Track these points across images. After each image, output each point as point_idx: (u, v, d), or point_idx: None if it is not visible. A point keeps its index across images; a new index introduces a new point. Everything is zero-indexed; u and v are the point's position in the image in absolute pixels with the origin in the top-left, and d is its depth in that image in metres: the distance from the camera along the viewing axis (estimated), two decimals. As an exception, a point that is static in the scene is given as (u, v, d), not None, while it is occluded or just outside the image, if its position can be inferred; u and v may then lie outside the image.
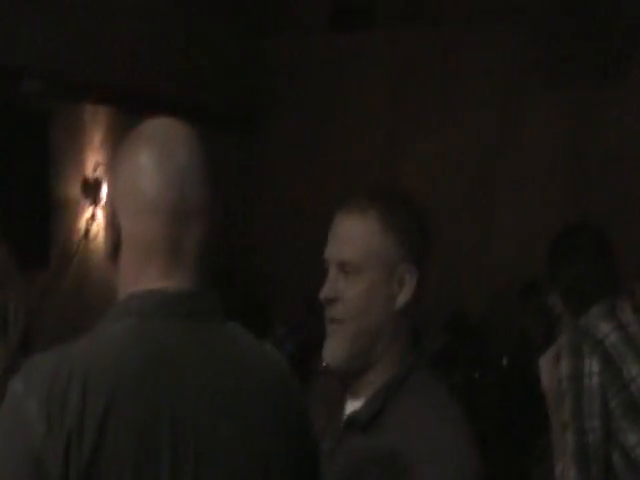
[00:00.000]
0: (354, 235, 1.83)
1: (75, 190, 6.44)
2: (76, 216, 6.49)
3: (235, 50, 7.85)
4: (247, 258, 7.75)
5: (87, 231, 6.49)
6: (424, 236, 1.86)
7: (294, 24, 7.94)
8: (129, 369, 1.32)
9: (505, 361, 6.26)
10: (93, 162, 6.49)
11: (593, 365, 2.72)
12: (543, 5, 6.98)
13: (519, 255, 6.75)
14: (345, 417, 1.84)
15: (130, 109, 6.31)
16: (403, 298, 1.81)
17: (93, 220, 6.48)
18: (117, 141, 1.56)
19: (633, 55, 6.80)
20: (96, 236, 6.53)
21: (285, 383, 1.48)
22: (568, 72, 6.98)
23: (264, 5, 8.02)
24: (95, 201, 6.45)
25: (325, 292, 1.84)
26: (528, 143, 7.12)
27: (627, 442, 2.71)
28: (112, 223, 1.42)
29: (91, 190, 6.44)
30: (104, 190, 6.32)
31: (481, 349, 6.49)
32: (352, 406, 1.84)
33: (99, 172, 6.46)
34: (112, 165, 1.46)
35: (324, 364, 1.86)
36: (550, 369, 2.79)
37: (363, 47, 7.60)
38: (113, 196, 1.44)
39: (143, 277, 1.40)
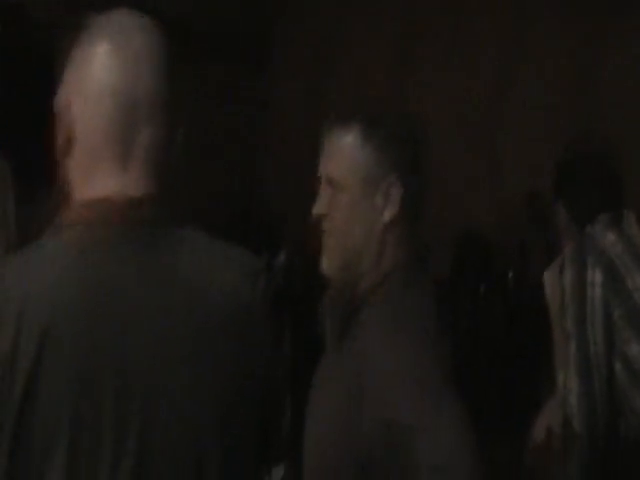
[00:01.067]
0: (337, 150, 1.83)
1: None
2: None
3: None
4: (259, 192, 7.72)
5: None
6: (411, 152, 1.83)
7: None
8: (67, 295, 1.26)
9: (510, 275, 6.28)
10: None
11: (596, 275, 2.70)
12: None
13: (525, 186, 6.74)
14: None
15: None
16: (388, 213, 1.80)
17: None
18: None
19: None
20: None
21: (241, 309, 1.38)
22: (573, 4, 6.87)
23: None
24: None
25: (316, 208, 1.84)
26: (535, 76, 7.05)
27: (630, 352, 2.71)
28: (66, 111, 1.37)
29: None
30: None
31: (487, 264, 6.51)
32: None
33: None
34: (69, 56, 1.40)
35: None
36: (554, 281, 2.79)
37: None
38: (68, 85, 1.38)
39: (93, 177, 1.34)
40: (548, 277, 2.85)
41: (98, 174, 1.35)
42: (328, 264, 1.84)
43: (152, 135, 1.36)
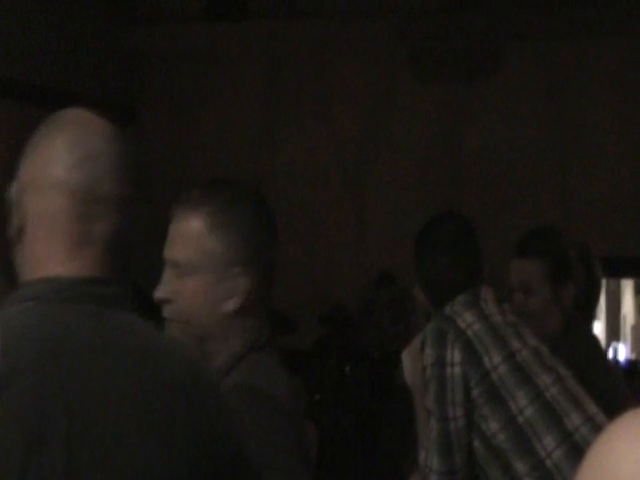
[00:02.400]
0: (183, 234, 1.78)
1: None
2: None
3: (109, 39, 7.69)
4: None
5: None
6: (260, 237, 1.80)
7: (169, 13, 7.84)
8: (27, 355, 1.27)
9: (376, 354, 6.31)
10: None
11: (455, 354, 2.75)
12: (416, 2, 7.08)
13: (393, 251, 6.83)
14: None
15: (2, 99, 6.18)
16: (233, 303, 1.77)
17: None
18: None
19: (501, 54, 6.97)
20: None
21: (192, 380, 1.38)
22: (439, 69, 7.10)
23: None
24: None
25: (158, 292, 1.80)
26: (400, 139, 7.21)
27: (489, 429, 2.76)
28: (19, 202, 1.38)
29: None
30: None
31: (355, 342, 6.54)
32: None
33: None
34: (24, 148, 1.42)
35: None
36: (413, 362, 2.82)
37: (237, 38, 7.56)
38: (23, 177, 1.39)
39: (46, 262, 1.36)
40: (406, 356, 2.88)
41: (50, 263, 1.36)
42: None
43: (114, 221, 1.37)
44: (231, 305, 1.77)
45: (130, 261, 1.42)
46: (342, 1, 7.30)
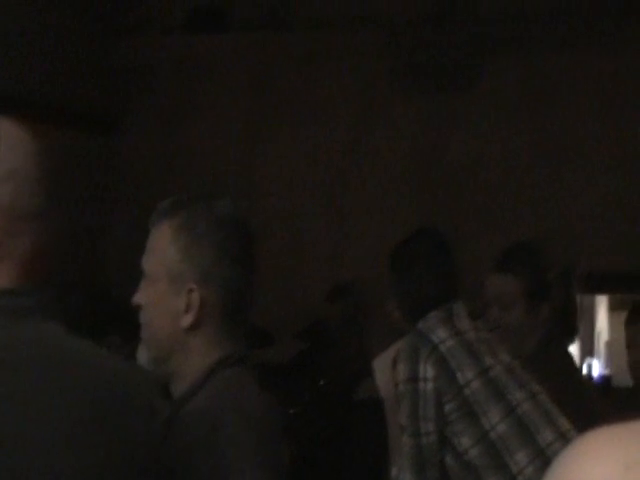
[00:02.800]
0: (150, 244, 1.83)
1: None
2: None
3: (91, 50, 7.68)
4: (103, 261, 7.59)
5: None
6: (218, 255, 1.79)
7: (151, 24, 7.85)
8: None
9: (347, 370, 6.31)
10: None
11: (428, 370, 2.75)
12: (399, 14, 7.10)
13: (373, 265, 6.83)
14: None
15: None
16: (186, 319, 1.78)
17: None
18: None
19: (484, 67, 7.00)
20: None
21: (104, 388, 1.37)
22: (421, 82, 7.13)
23: (120, 5, 7.89)
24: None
25: (135, 297, 1.84)
26: (382, 151, 7.23)
27: (461, 445, 2.76)
28: None
29: None
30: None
31: (332, 357, 6.53)
32: None
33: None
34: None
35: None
36: (383, 372, 2.83)
37: (219, 50, 7.56)
38: None
39: None
40: (377, 366, 2.89)
41: None
42: (143, 356, 1.83)
43: (34, 235, 1.36)
44: (187, 320, 1.77)
45: (51, 272, 1.41)
46: (325, 13, 7.32)
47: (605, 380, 6.99)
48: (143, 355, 1.83)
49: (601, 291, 7.24)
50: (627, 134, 6.67)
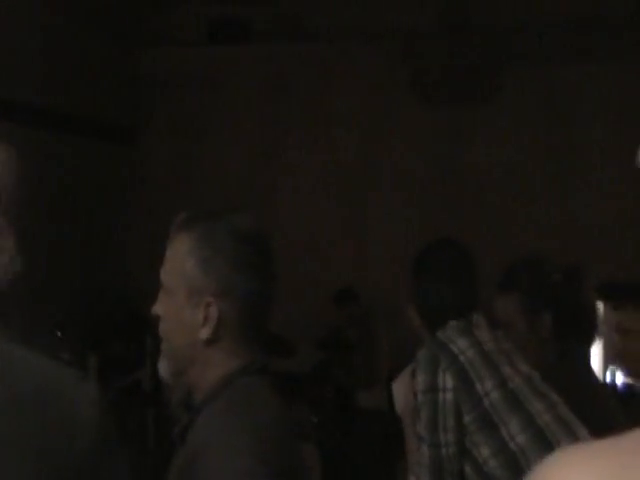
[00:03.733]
0: (169, 256, 1.82)
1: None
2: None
3: (112, 62, 7.74)
4: (121, 273, 7.63)
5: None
6: (236, 269, 1.78)
7: (171, 37, 7.89)
8: None
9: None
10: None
11: (447, 380, 2.75)
12: (417, 25, 7.12)
13: (393, 277, 6.83)
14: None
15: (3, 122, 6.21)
16: (205, 332, 1.78)
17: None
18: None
19: (501, 79, 7.00)
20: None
21: (33, 395, 1.33)
22: (439, 93, 7.13)
23: (142, 18, 7.94)
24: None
25: (154, 308, 1.84)
26: (400, 161, 7.23)
27: (480, 455, 2.75)
28: None
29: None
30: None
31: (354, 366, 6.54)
32: None
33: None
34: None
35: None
36: (403, 392, 2.82)
37: (239, 61, 7.60)
38: None
39: None
40: (397, 387, 2.88)
41: None
42: (163, 368, 1.84)
43: None
44: (205, 333, 1.78)
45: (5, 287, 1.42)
46: (343, 24, 7.34)
47: (629, 388, 6.93)
48: (163, 366, 1.83)
49: (619, 300, 7.18)
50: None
